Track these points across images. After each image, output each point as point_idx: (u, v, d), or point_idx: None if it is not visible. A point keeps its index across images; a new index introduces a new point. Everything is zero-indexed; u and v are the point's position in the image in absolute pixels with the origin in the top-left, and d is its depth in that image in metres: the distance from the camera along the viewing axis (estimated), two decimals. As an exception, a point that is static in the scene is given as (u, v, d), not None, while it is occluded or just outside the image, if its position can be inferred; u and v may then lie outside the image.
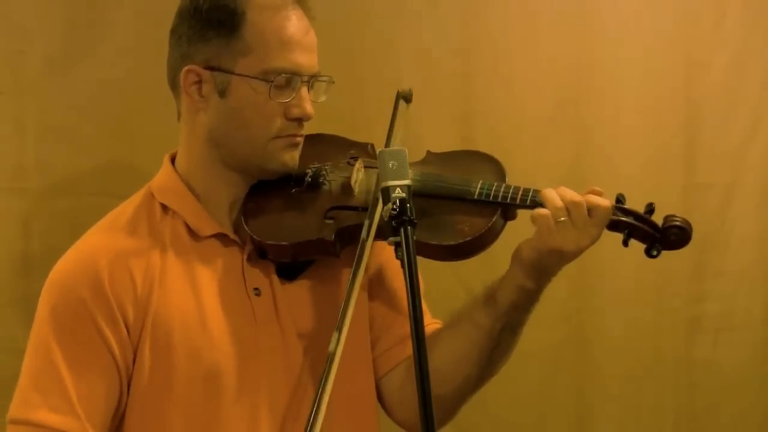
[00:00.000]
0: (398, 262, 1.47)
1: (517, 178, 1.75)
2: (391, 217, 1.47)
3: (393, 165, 1.50)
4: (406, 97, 1.78)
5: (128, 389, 1.62)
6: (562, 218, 1.60)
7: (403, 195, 1.48)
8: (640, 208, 1.67)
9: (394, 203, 1.47)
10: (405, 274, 1.46)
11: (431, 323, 1.81)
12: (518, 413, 2.50)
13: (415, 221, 1.48)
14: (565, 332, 2.50)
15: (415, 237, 1.59)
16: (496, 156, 1.81)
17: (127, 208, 1.71)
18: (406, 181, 1.49)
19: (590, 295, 2.51)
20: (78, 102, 2.23)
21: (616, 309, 2.54)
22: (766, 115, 2.60)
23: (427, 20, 2.42)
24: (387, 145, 1.72)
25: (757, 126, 2.60)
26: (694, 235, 1.69)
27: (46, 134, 2.22)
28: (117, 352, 1.59)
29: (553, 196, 1.62)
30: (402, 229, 1.47)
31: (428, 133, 2.30)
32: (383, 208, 1.49)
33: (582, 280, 2.47)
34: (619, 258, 1.70)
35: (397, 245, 1.47)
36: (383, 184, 1.50)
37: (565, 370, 2.53)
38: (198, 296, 1.63)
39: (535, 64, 2.48)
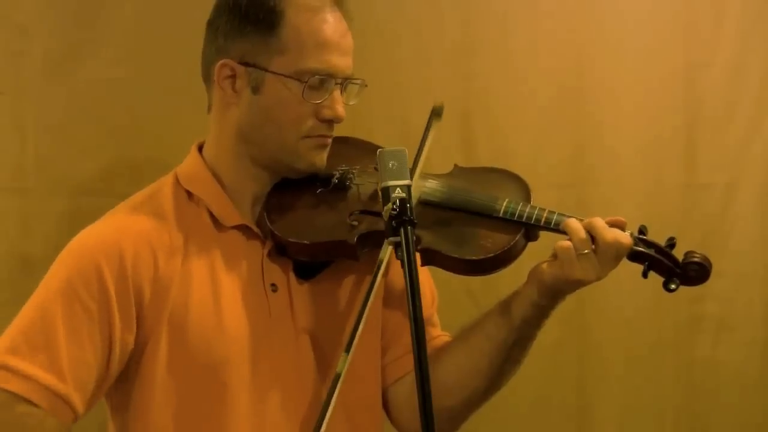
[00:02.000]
0: None
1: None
2: (391, 217, 1.47)
3: (393, 165, 1.50)
4: (438, 113, 1.80)
5: (136, 369, 1.62)
6: (585, 251, 1.60)
7: (403, 195, 1.48)
8: (639, 211, 1.67)
9: (394, 203, 1.47)
10: (405, 274, 1.46)
11: (440, 335, 1.82)
12: (518, 413, 2.50)
13: (415, 221, 1.47)
14: (565, 332, 2.50)
15: (436, 248, 1.62)
16: (496, 155, 1.81)
17: (154, 191, 1.71)
18: (406, 181, 1.49)
19: (590, 295, 2.49)
20: (78, 102, 2.23)
21: (616, 309, 2.54)
22: (766, 115, 2.60)
23: (427, 20, 2.42)
24: (417, 156, 1.73)
25: (757, 126, 2.60)
26: (694, 235, 1.69)
27: (46, 134, 2.23)
28: (118, 331, 1.59)
29: (578, 228, 1.62)
30: (402, 229, 1.47)
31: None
32: (383, 207, 1.49)
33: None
34: (619, 258, 1.70)
35: (397, 245, 1.47)
36: (383, 184, 1.49)
37: (565, 370, 2.53)
38: (216, 286, 1.64)
39: (535, 64, 2.48)
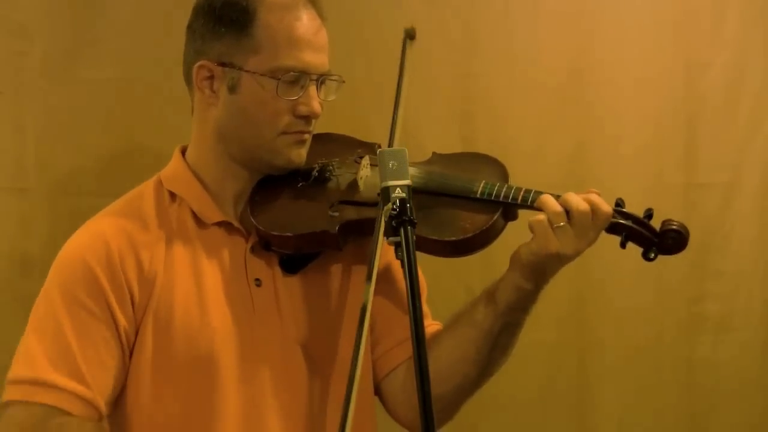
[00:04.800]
0: None
1: (518, 178, 1.76)
2: (391, 217, 1.48)
3: (393, 165, 1.51)
4: (410, 35, 1.79)
5: (128, 366, 1.64)
6: (561, 224, 1.61)
7: (403, 195, 1.49)
8: (639, 210, 1.68)
9: (394, 203, 1.48)
10: (405, 274, 1.47)
11: (431, 324, 1.82)
12: (518, 413, 2.50)
13: (416, 221, 1.48)
14: (565, 332, 2.50)
15: (416, 232, 1.61)
16: (496, 154, 1.81)
17: (135, 194, 1.74)
18: (406, 181, 1.50)
19: (590, 295, 2.51)
20: (78, 102, 2.23)
21: (615, 309, 2.54)
22: (766, 115, 2.60)
23: (427, 20, 2.42)
24: (398, 92, 1.73)
25: (757, 126, 2.60)
26: (694, 235, 1.69)
27: (46, 134, 2.23)
28: (122, 325, 1.62)
29: (551, 202, 1.63)
30: (402, 229, 1.47)
31: (428, 133, 2.30)
32: (383, 207, 1.50)
33: (582, 281, 2.47)
34: (618, 258, 1.70)
35: (397, 245, 1.48)
36: (383, 184, 1.50)
37: (565, 370, 2.53)
38: (200, 283, 1.66)
39: (535, 64, 2.48)
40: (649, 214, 1.67)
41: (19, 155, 2.22)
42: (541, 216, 1.62)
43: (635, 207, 1.70)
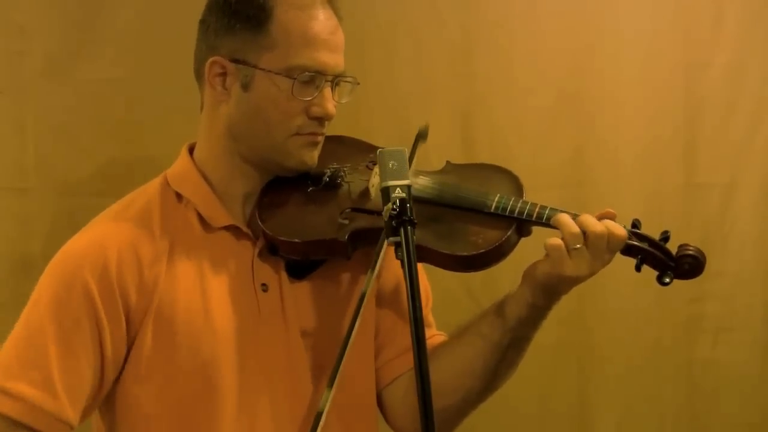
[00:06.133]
0: None
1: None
2: (391, 217, 1.47)
3: (393, 165, 1.50)
4: (423, 136, 1.79)
5: (120, 375, 1.62)
6: (577, 246, 1.59)
7: (403, 195, 1.48)
8: (639, 211, 1.67)
9: (394, 203, 1.47)
10: (405, 274, 1.46)
11: (436, 335, 1.81)
12: (518, 413, 2.50)
13: (415, 221, 1.47)
14: (565, 332, 2.50)
15: (427, 244, 1.61)
16: (496, 156, 1.81)
17: (141, 194, 1.71)
18: (406, 181, 1.49)
19: (590, 295, 2.50)
20: (78, 102, 2.23)
21: (615, 309, 2.54)
22: (766, 115, 2.60)
23: (426, 21, 2.42)
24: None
25: (757, 126, 2.60)
26: (694, 235, 1.69)
27: (46, 134, 2.23)
28: (109, 342, 1.58)
29: (569, 222, 1.60)
30: (402, 229, 1.47)
31: (428, 133, 2.29)
32: (383, 207, 1.49)
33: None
34: (618, 259, 1.70)
35: (397, 245, 1.47)
36: (383, 184, 1.49)
37: (565, 370, 2.53)
38: (204, 287, 1.64)
39: (535, 64, 2.48)
40: (665, 236, 1.65)
41: (19, 155, 2.22)
42: (558, 240, 1.59)
43: (635, 207, 1.70)
